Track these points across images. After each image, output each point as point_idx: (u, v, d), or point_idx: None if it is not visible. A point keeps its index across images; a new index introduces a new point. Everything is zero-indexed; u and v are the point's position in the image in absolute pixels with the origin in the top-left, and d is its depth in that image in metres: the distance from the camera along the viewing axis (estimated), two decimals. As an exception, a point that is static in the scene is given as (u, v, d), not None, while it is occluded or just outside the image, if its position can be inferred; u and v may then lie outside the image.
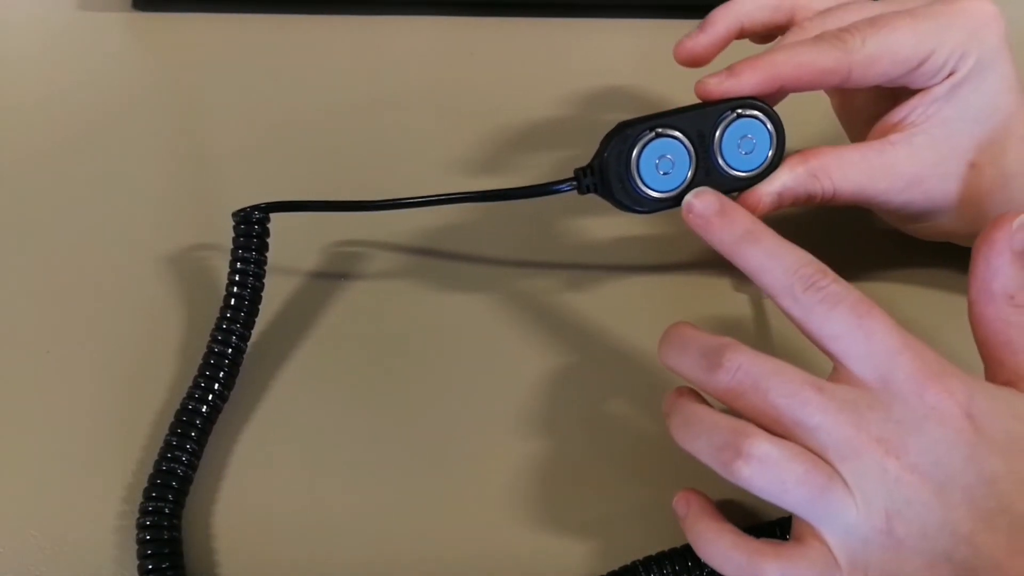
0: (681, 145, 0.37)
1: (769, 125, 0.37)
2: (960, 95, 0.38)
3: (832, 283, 0.32)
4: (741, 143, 0.37)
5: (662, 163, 0.37)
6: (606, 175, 0.38)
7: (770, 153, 0.38)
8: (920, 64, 0.37)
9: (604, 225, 0.46)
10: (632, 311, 0.43)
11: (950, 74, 0.38)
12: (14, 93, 0.52)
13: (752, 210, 0.37)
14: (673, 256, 0.46)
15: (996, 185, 0.39)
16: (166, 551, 0.35)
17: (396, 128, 0.51)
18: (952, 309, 0.42)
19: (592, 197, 0.39)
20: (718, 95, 0.37)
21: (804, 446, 0.31)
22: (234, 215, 0.41)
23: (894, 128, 0.39)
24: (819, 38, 0.37)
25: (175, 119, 0.51)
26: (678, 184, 0.38)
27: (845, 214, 0.46)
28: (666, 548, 0.36)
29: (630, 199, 0.38)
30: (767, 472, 0.30)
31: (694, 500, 0.34)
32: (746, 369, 0.31)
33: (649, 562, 0.35)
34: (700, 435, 0.32)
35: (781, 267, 0.32)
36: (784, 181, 0.38)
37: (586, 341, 0.43)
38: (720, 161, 0.37)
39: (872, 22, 0.37)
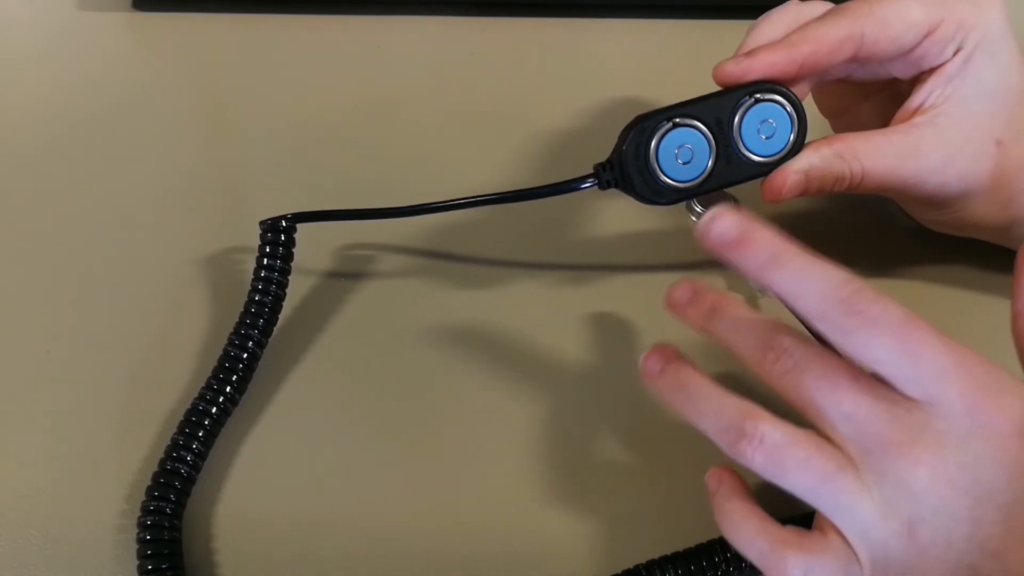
0: (699, 133, 0.37)
1: (789, 108, 0.37)
2: (972, 72, 0.38)
3: (871, 304, 0.29)
4: (761, 128, 0.37)
5: (682, 152, 0.37)
6: (626, 169, 0.37)
7: (791, 136, 0.37)
8: (931, 31, 0.37)
9: (612, 223, 0.46)
10: (640, 309, 0.43)
11: (958, 51, 0.38)
12: (14, 93, 0.52)
13: (779, 190, 0.37)
14: (675, 255, 0.45)
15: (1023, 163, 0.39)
16: (166, 551, 0.35)
17: (398, 128, 0.50)
18: (978, 308, 0.43)
19: (610, 193, 0.38)
20: (736, 75, 0.37)
21: (827, 437, 0.30)
22: (261, 224, 0.40)
23: (914, 114, 0.39)
24: (827, 12, 0.38)
25: (175, 119, 0.51)
26: (699, 173, 0.37)
27: (869, 214, 0.46)
28: (670, 552, 0.35)
29: (652, 191, 0.38)
30: (768, 454, 0.30)
31: (727, 477, 0.33)
32: (790, 351, 0.30)
33: (652, 566, 0.35)
34: (708, 413, 0.31)
35: (814, 292, 0.30)
36: (811, 160, 0.37)
37: (594, 340, 0.42)
38: (740, 147, 0.37)
39: None
